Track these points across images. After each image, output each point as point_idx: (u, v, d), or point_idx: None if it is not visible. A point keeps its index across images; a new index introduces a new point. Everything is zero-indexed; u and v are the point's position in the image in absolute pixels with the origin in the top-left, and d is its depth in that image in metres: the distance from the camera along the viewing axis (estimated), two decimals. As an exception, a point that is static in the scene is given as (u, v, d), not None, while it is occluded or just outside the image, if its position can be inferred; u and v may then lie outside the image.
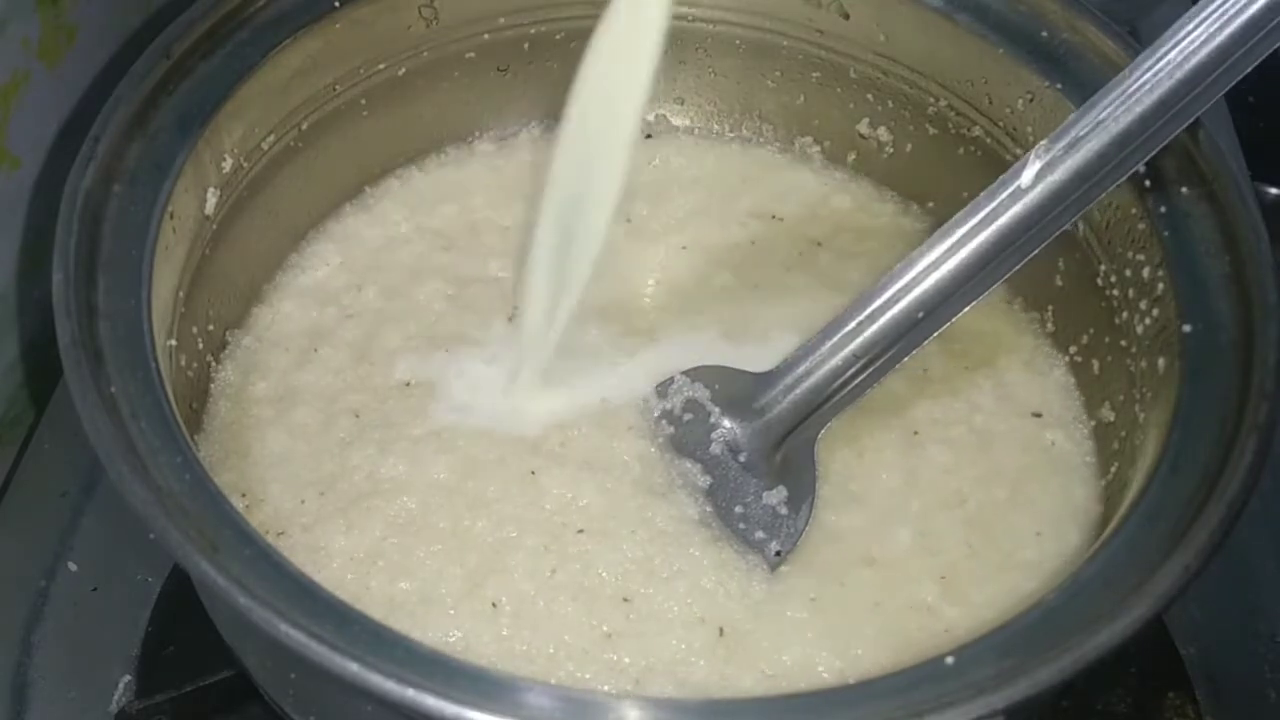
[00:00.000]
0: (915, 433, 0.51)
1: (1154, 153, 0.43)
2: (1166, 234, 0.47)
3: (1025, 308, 0.56)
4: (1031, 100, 0.53)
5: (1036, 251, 0.45)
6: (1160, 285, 0.46)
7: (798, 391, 0.48)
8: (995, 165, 0.52)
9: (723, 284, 0.56)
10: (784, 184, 0.61)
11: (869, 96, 0.59)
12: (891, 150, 0.60)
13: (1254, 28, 0.41)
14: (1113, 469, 0.49)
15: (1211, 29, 0.41)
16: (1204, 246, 0.46)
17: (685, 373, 0.51)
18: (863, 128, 0.60)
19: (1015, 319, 0.55)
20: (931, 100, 0.57)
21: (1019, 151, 0.53)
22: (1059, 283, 0.54)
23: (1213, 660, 0.53)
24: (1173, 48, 0.42)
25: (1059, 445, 0.51)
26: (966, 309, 0.46)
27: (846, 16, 0.57)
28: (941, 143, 0.58)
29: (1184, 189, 0.47)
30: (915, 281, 0.46)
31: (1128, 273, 0.49)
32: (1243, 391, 0.41)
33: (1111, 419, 0.50)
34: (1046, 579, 0.46)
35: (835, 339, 0.47)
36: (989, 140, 0.56)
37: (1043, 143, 0.44)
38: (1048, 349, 0.54)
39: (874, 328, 0.46)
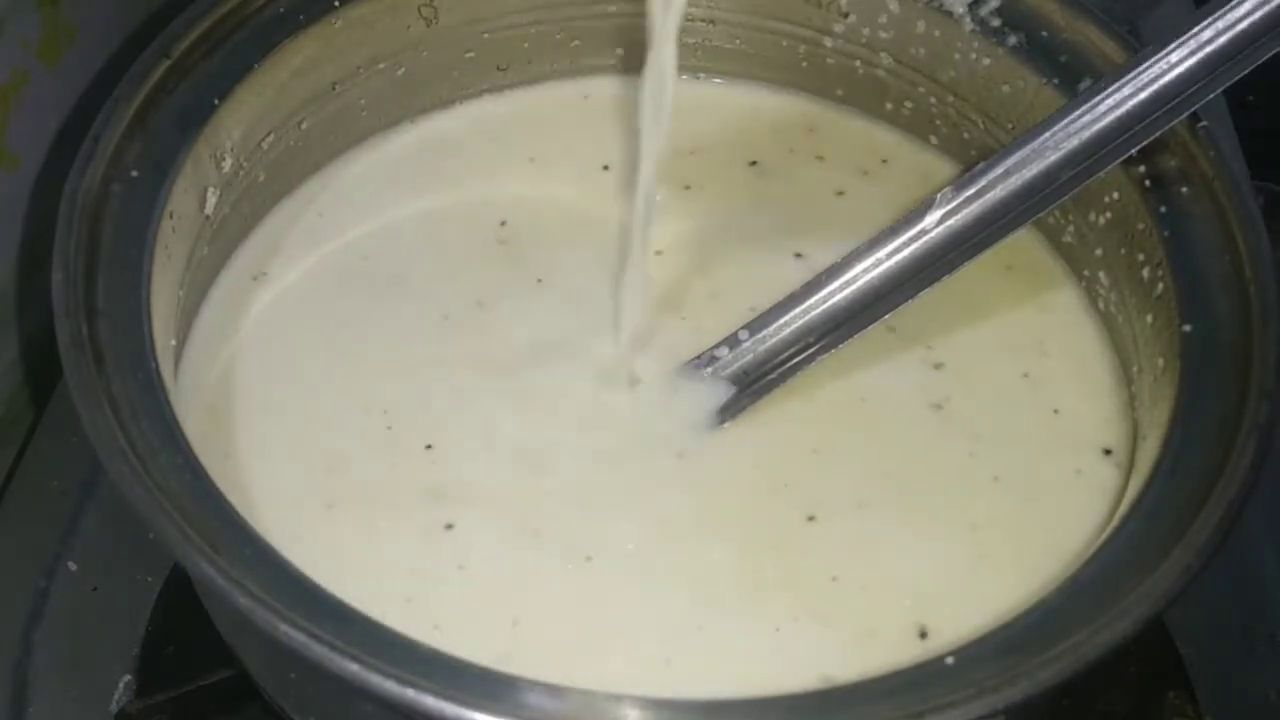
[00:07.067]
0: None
1: (1059, 203, 0.47)
2: (1166, 234, 0.47)
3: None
4: (1031, 100, 0.53)
5: (927, 290, 0.48)
6: (1160, 285, 0.46)
7: None
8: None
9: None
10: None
11: (869, 97, 0.59)
12: (891, 150, 0.60)
13: (1162, 100, 0.45)
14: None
15: (1123, 95, 0.45)
16: (1204, 246, 0.46)
17: None
18: (862, 127, 0.61)
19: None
20: (933, 100, 0.57)
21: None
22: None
23: (1213, 660, 0.53)
24: (1085, 111, 0.46)
25: None
26: (857, 336, 0.48)
27: (845, 16, 0.57)
28: (941, 142, 0.58)
29: (1184, 189, 0.47)
30: (813, 306, 0.49)
31: (1127, 272, 0.49)
32: (1243, 391, 0.41)
33: (1112, 418, 0.50)
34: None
35: (726, 355, 0.50)
36: (989, 139, 0.56)
37: (948, 189, 0.47)
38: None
39: (764, 348, 0.49)
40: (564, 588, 0.45)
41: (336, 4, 0.52)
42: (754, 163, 0.59)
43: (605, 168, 0.58)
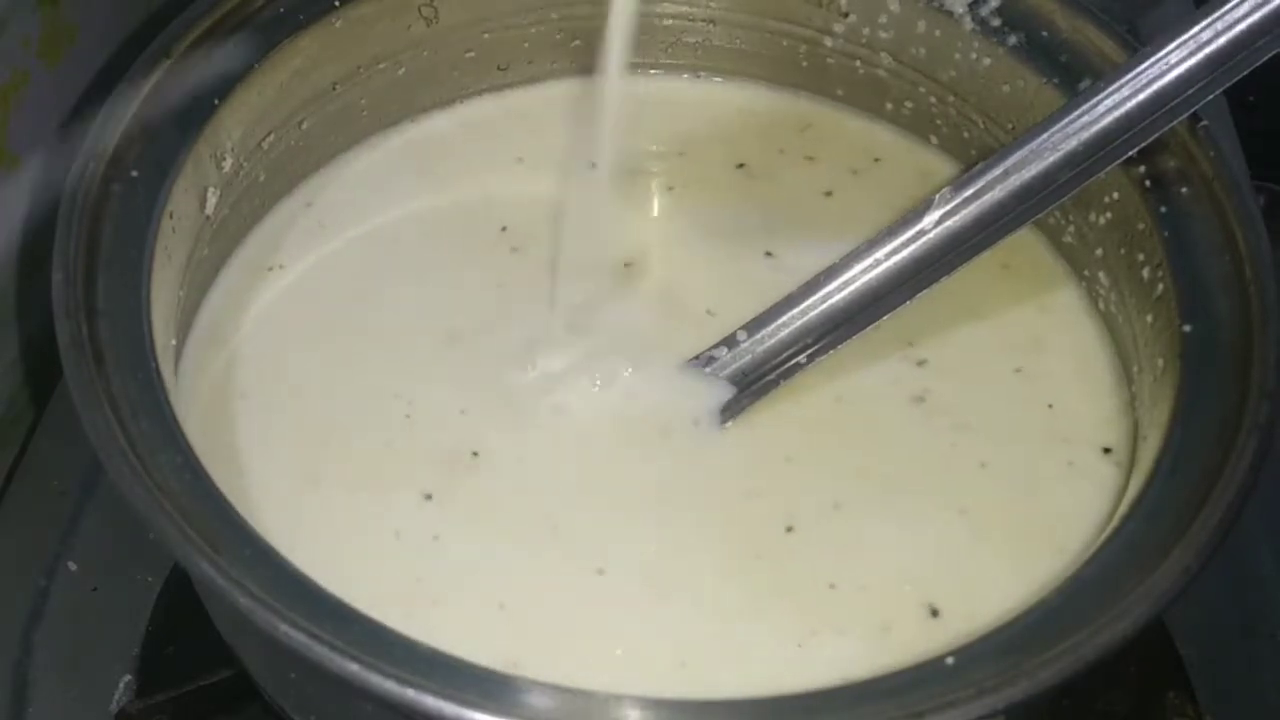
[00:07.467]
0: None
1: (1059, 204, 0.47)
2: (1166, 234, 0.47)
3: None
4: (1031, 100, 0.53)
5: (926, 291, 0.48)
6: (1160, 285, 0.46)
7: None
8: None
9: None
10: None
11: (869, 97, 0.59)
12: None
13: (1162, 100, 0.45)
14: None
15: (1123, 96, 0.45)
16: (1204, 246, 0.46)
17: None
18: (862, 127, 0.61)
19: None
20: (933, 100, 0.57)
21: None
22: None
23: (1213, 660, 0.53)
24: (1084, 111, 0.46)
25: None
26: (856, 337, 0.48)
27: (845, 15, 0.57)
28: (941, 141, 0.58)
29: (1184, 189, 0.47)
30: (811, 307, 0.49)
31: (1127, 272, 0.49)
32: (1242, 391, 0.41)
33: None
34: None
35: (725, 356, 0.50)
36: (989, 139, 0.56)
37: (947, 189, 0.47)
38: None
39: (762, 349, 0.49)
40: (563, 588, 0.45)
41: (336, 4, 0.53)
42: (741, 165, 0.59)
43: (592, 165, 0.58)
